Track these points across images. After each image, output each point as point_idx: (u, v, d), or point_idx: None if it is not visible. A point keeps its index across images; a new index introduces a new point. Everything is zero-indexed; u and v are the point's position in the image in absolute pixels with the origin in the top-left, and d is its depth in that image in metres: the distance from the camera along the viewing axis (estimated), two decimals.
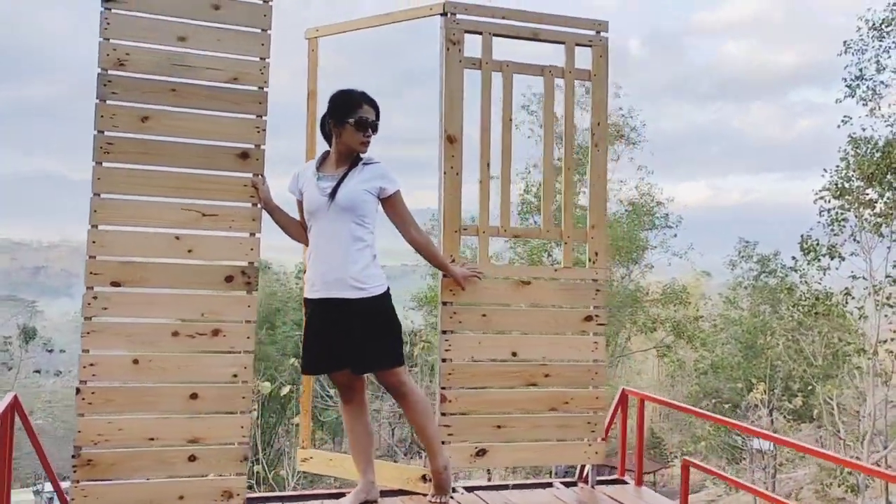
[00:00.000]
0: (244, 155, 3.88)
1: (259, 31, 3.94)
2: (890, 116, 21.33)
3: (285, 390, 13.10)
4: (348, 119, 3.76)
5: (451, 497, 4.08)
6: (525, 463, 4.65)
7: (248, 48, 3.92)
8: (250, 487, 3.79)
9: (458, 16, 4.27)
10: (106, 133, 3.72)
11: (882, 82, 21.02)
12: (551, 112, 4.43)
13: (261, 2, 3.92)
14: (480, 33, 4.31)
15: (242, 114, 3.90)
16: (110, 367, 3.70)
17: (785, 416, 30.02)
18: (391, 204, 3.80)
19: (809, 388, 27.82)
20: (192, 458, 3.76)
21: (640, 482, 4.51)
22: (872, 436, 23.85)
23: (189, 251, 3.81)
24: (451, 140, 4.21)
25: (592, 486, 4.41)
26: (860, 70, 20.69)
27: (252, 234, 3.89)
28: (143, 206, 3.77)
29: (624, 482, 4.56)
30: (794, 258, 24.28)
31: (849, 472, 23.49)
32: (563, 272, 4.43)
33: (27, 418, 3.85)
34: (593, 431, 4.36)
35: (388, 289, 3.81)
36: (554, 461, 4.38)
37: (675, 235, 27.40)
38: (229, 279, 3.85)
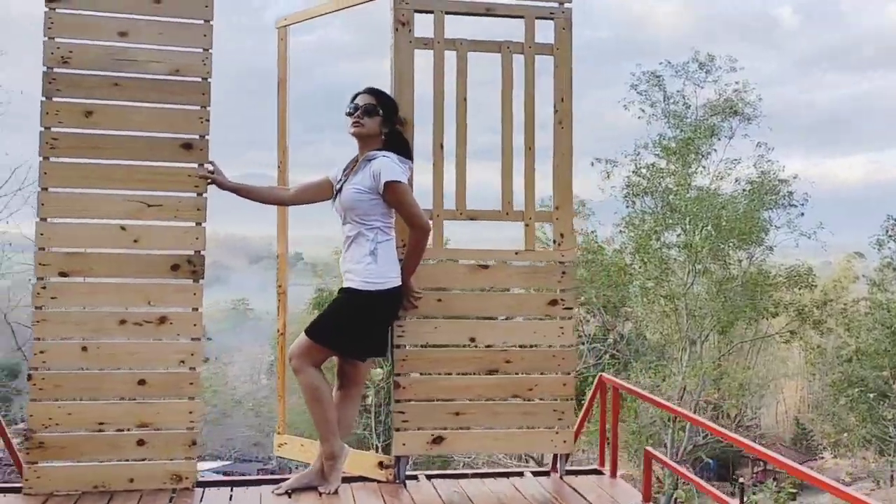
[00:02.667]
0: (188, 146, 3.94)
1: (201, 22, 3.98)
2: None
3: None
4: (346, 113, 3.89)
5: (403, 484, 4.04)
6: (486, 450, 4.55)
7: (190, 40, 3.97)
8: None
9: None
10: (52, 129, 3.86)
11: None
12: (510, 91, 4.26)
13: None
14: (431, 12, 4.20)
15: (186, 105, 3.95)
16: (60, 354, 3.85)
17: None
18: (387, 198, 3.77)
19: None
20: (141, 443, 3.87)
21: (614, 474, 4.31)
22: None
23: (135, 241, 3.91)
24: (402, 123, 4.13)
25: (561, 476, 4.25)
26: None
27: (197, 224, 3.95)
28: (89, 199, 3.89)
29: (600, 472, 4.38)
30: None
31: None
32: (525, 255, 4.27)
33: None
34: (561, 419, 4.19)
35: (382, 292, 3.77)
36: (519, 449, 4.25)
37: (802, 215, 25.35)
38: (175, 268, 3.92)
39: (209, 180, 3.95)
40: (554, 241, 4.27)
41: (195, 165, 3.95)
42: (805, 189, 24.87)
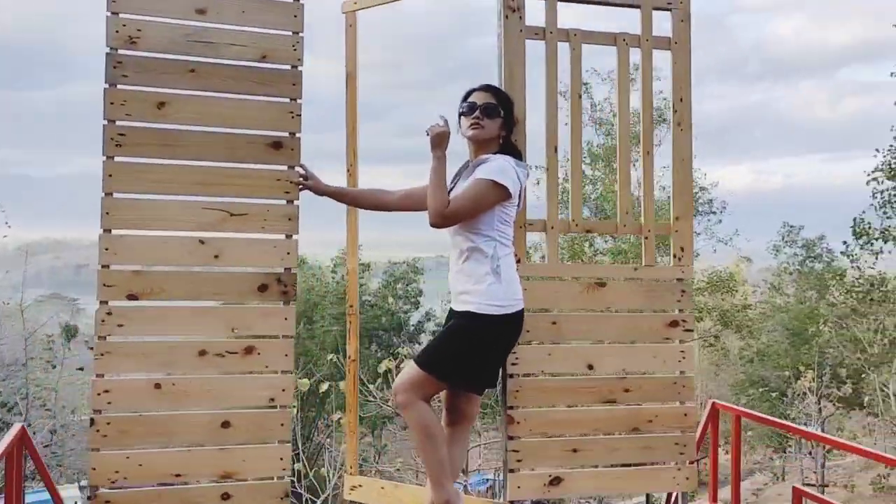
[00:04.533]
0: (277, 144, 3.36)
1: (290, 0, 3.41)
2: None
3: (325, 387, 12.69)
4: (460, 113, 3.35)
5: None
6: (605, 491, 4.11)
7: (278, 21, 3.39)
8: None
9: None
10: (117, 122, 3.22)
11: None
12: (627, 86, 3.83)
13: None
14: None
15: (274, 97, 3.38)
16: (128, 392, 3.21)
17: (833, 403, 29.11)
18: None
19: (862, 375, 26.92)
20: (224, 497, 3.26)
21: None
22: None
23: (215, 257, 3.30)
24: (516, 124, 3.64)
25: None
26: None
27: (288, 236, 3.37)
28: (161, 206, 3.27)
29: None
30: (844, 243, 23.36)
31: None
32: (644, 271, 3.84)
33: (35, 451, 3.37)
34: (682, 454, 3.78)
35: (507, 316, 3.24)
36: (638, 489, 3.83)
37: (720, 221, 26.47)
38: (263, 288, 3.33)
39: (302, 185, 3.38)
40: (674, 256, 3.85)
41: (285, 168, 3.37)
42: (723, 197, 25.92)
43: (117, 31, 3.22)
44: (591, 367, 3.72)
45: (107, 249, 3.19)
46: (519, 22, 3.69)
